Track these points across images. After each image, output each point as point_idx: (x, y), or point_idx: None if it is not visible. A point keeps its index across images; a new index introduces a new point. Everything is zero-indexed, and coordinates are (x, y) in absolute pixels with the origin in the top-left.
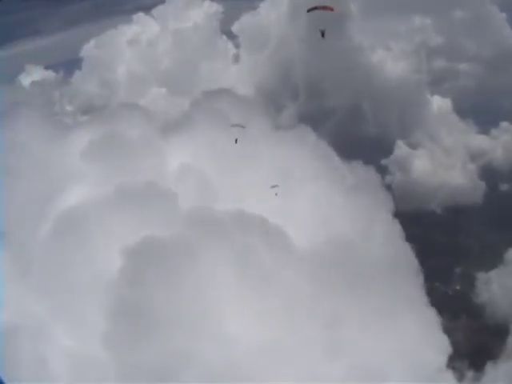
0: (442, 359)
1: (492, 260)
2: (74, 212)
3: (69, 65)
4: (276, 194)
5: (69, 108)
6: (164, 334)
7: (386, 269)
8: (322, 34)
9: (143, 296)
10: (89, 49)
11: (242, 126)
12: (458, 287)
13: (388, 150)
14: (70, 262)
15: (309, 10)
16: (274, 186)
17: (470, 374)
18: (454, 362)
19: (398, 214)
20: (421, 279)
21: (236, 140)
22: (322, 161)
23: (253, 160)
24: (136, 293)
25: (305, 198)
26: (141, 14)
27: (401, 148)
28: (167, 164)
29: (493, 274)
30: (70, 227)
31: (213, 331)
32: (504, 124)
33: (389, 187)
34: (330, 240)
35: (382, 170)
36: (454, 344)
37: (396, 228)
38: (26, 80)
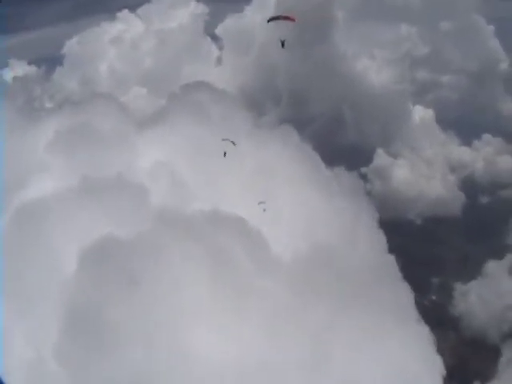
0: (438, 382)
1: (470, 271)
2: (32, 206)
3: (51, 61)
4: (264, 210)
5: (48, 105)
6: (120, 349)
7: (371, 279)
8: (282, 45)
9: (98, 303)
10: (71, 45)
11: (233, 143)
12: (434, 298)
13: (368, 159)
14: (27, 260)
15: (269, 20)
16: (261, 203)
17: None
18: None
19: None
20: (408, 290)
21: (225, 153)
22: (305, 163)
23: (232, 158)
24: (89, 299)
25: (286, 201)
26: (126, 12)
27: (381, 157)
28: (140, 159)
29: (471, 285)
30: (28, 222)
31: (177, 347)
32: (486, 136)
33: (368, 195)
34: (312, 247)
35: (362, 178)
36: None
37: (380, 236)
38: (8, 75)
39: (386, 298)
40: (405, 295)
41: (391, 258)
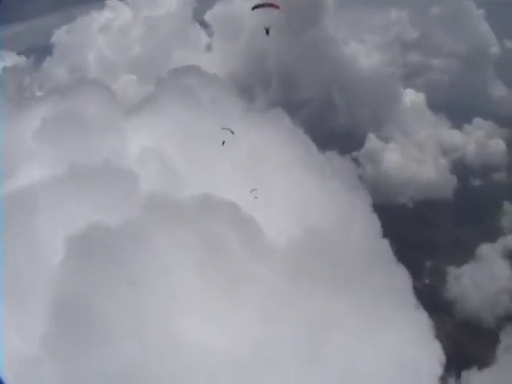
0: (437, 369)
1: (463, 255)
2: (19, 195)
3: (41, 51)
4: (256, 198)
5: (38, 94)
6: (110, 339)
7: (366, 263)
8: (267, 32)
9: (86, 293)
10: (60, 35)
11: (232, 132)
12: (427, 281)
13: (359, 143)
14: (14, 250)
15: (253, 8)
16: (253, 190)
17: None
18: None
19: None
20: (405, 275)
21: (223, 142)
22: (298, 147)
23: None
24: (77, 289)
25: (279, 185)
26: (114, 0)
27: (372, 141)
28: (129, 145)
29: (464, 268)
30: (15, 211)
31: (169, 336)
32: (477, 120)
33: (359, 180)
34: (305, 232)
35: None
36: None
37: (374, 220)
38: None
39: (381, 282)
40: (401, 280)
41: (385, 243)
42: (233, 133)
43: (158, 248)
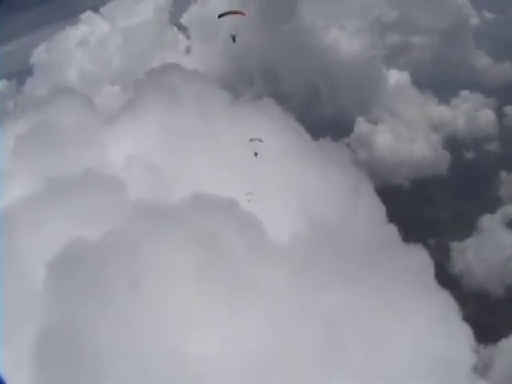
0: (470, 357)
1: (465, 229)
2: None
3: (22, 73)
4: (249, 201)
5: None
6: (105, 368)
7: (377, 250)
8: (233, 39)
9: (73, 319)
10: (39, 54)
11: (261, 140)
12: (433, 259)
13: (349, 129)
14: None
15: (219, 16)
16: (248, 194)
17: None
18: None
19: None
20: (424, 256)
21: (256, 153)
22: (291, 136)
23: (212, 138)
24: (64, 316)
25: (276, 178)
26: (89, 13)
27: (361, 125)
28: (112, 154)
29: (467, 242)
30: None
31: (173, 355)
32: (464, 93)
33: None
34: (309, 225)
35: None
36: None
37: (378, 205)
38: None
39: (396, 268)
40: (419, 262)
41: (392, 226)
42: (262, 141)
43: (150, 259)
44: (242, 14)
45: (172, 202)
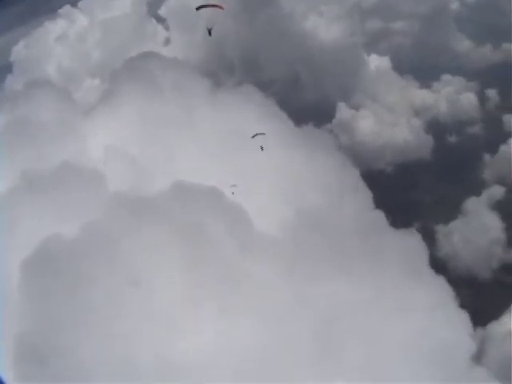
0: (470, 345)
1: (450, 212)
2: None
3: (1, 71)
4: (233, 193)
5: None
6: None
7: (368, 236)
8: (209, 33)
9: (52, 326)
10: (18, 51)
11: (263, 133)
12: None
13: (330, 114)
14: None
15: (197, 9)
16: (232, 186)
17: None
18: None
19: None
20: (418, 241)
21: (262, 147)
22: (273, 123)
23: (192, 128)
24: (41, 323)
25: (259, 166)
26: (67, 8)
27: (343, 110)
28: (90, 146)
29: (452, 225)
30: None
31: (162, 361)
32: (445, 76)
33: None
34: (297, 214)
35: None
36: None
37: (365, 190)
38: None
39: (390, 254)
40: (411, 247)
41: (379, 212)
42: (264, 134)
43: (132, 252)
44: (221, 7)
45: (153, 193)
